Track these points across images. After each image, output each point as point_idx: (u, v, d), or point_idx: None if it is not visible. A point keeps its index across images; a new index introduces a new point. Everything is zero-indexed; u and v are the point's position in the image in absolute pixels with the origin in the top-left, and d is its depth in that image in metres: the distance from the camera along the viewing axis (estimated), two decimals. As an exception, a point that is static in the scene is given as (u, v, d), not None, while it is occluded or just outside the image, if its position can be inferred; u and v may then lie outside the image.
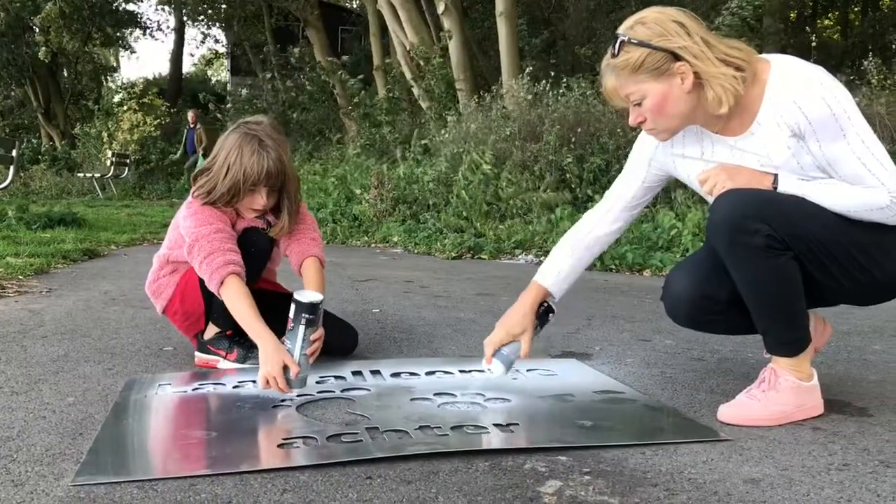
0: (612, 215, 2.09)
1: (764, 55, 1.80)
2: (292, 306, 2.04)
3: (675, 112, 1.78)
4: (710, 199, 1.86)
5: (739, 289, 1.83)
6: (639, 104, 1.78)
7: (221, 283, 2.20)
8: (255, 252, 2.35)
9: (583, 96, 7.67)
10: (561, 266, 2.10)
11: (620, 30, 1.77)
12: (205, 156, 14.75)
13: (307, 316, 2.02)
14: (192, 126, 15.11)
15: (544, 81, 8.05)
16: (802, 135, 1.71)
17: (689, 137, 1.91)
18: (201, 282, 2.36)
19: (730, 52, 1.73)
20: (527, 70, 8.54)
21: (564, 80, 8.15)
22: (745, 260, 1.77)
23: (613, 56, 1.76)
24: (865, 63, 7.35)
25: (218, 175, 2.29)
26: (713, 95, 1.73)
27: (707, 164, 1.89)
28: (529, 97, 7.93)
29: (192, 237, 2.28)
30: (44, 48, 16.77)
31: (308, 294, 2.07)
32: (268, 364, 2.01)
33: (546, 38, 12.39)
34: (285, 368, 1.99)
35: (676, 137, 1.91)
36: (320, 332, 2.10)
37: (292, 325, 2.03)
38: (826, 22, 20.06)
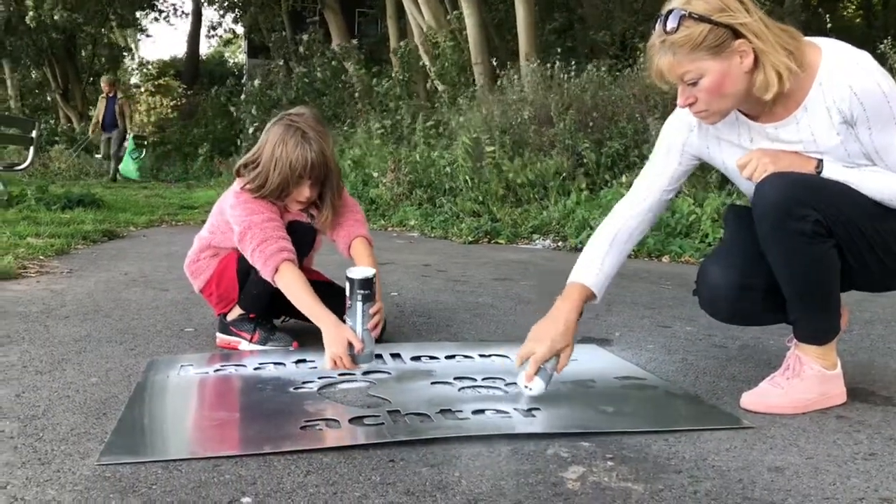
0: (647, 203, 1.98)
1: (812, 39, 1.74)
2: (347, 285, 2.08)
3: (732, 92, 1.69)
4: (748, 184, 1.82)
5: (778, 274, 1.79)
6: (693, 84, 1.69)
7: (276, 270, 2.21)
8: (296, 244, 2.34)
9: (600, 80, 7.61)
10: (601, 263, 1.94)
11: (676, 3, 1.66)
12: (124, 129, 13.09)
13: (362, 291, 2.07)
14: (109, 95, 13.25)
15: (560, 63, 7.99)
16: (854, 121, 1.67)
17: (724, 123, 1.84)
18: (238, 268, 2.37)
19: (782, 36, 1.67)
20: (544, 52, 8.48)
21: (581, 63, 8.08)
22: (790, 246, 1.73)
23: (669, 31, 1.65)
24: (882, 46, 7.20)
25: (268, 169, 2.28)
26: (763, 79, 1.66)
27: (745, 150, 1.83)
28: (546, 80, 7.87)
29: (244, 225, 2.27)
30: (31, 13, 16.43)
31: (360, 270, 2.12)
32: (332, 345, 2.05)
33: (563, 21, 12.29)
34: (350, 346, 2.03)
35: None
36: (378, 305, 2.13)
37: (350, 302, 2.08)
38: (848, 5, 19.75)
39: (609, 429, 1.71)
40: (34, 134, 7.92)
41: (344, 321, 2.08)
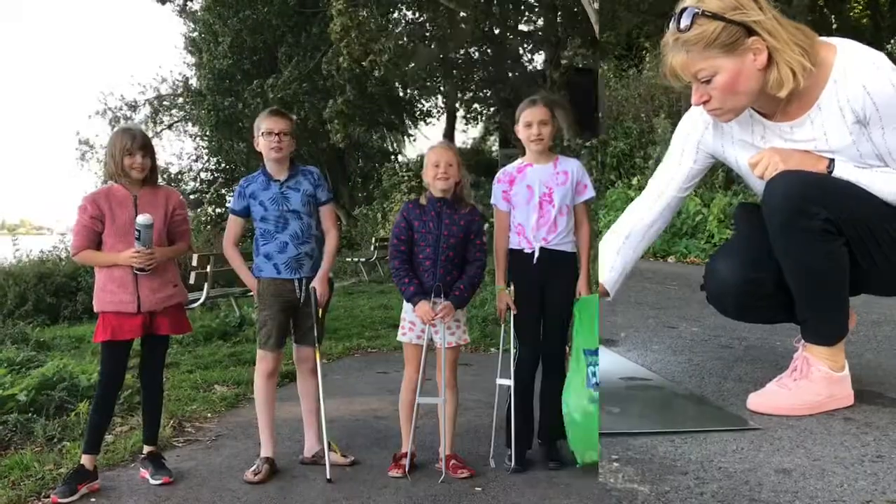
0: (662, 202, 1.97)
1: (827, 39, 1.72)
2: None
3: (746, 90, 1.68)
4: (760, 183, 1.80)
5: (787, 272, 1.78)
6: (706, 82, 1.68)
7: None
8: None
9: (605, 80, 7.61)
10: (614, 260, 1.95)
11: (689, 1, 1.65)
12: None
13: None
14: None
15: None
16: (867, 121, 1.66)
17: (737, 122, 1.83)
18: None
19: (796, 34, 1.65)
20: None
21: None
22: (799, 243, 1.72)
23: (682, 29, 1.64)
24: (889, 46, 7.16)
25: None
26: (776, 76, 1.65)
27: (757, 149, 1.82)
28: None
29: None
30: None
31: None
32: None
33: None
34: None
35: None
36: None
37: None
38: (855, 5, 19.68)
39: (615, 430, 1.70)
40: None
41: None
